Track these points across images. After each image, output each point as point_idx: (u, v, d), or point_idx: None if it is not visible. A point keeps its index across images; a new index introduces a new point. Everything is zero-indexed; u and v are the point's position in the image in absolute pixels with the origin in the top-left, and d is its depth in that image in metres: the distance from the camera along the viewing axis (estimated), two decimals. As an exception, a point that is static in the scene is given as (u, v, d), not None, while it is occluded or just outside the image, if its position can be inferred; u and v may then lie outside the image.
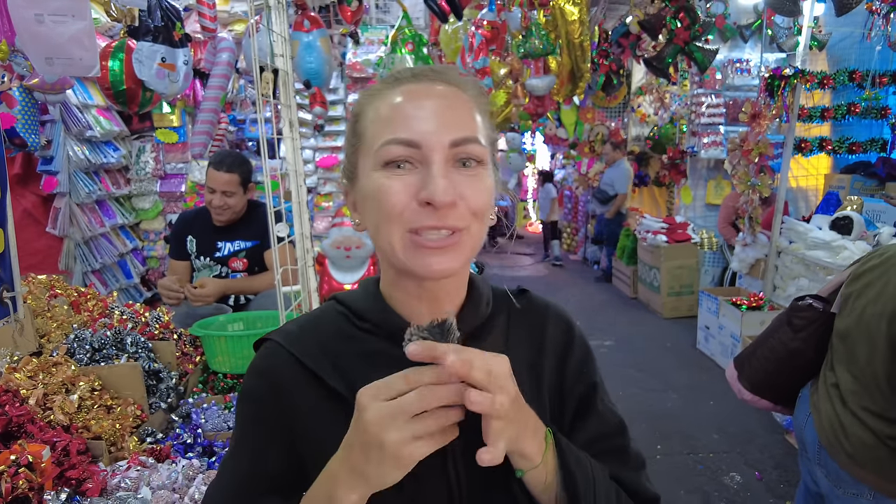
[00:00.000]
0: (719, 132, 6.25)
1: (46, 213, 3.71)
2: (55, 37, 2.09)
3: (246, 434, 0.74)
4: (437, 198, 0.62)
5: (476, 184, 0.67)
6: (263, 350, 0.76)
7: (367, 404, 0.56)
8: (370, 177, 0.68)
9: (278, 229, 1.78)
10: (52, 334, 1.68)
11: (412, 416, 0.54)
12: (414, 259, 0.65)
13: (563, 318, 0.84)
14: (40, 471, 1.12)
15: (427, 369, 0.56)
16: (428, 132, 0.65)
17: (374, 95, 0.71)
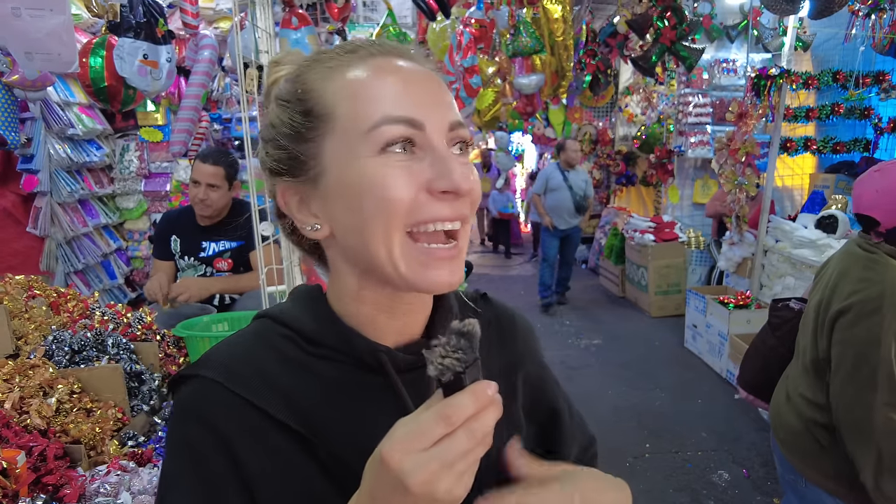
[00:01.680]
0: (706, 132, 6.29)
1: (27, 212, 3.63)
2: (33, 31, 2.05)
3: (185, 492, 0.57)
4: (462, 186, 0.56)
5: (474, 172, 0.61)
6: (191, 391, 0.60)
7: (404, 466, 0.45)
8: (356, 166, 0.56)
9: (263, 228, 1.75)
10: (29, 336, 1.63)
11: (463, 456, 0.46)
12: (419, 272, 0.57)
13: (528, 330, 0.81)
14: (15, 477, 1.09)
15: (468, 401, 0.46)
16: (430, 111, 0.58)
17: (334, 69, 0.60)
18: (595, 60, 5.82)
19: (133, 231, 4.61)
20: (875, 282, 1.41)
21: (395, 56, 0.61)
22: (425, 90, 0.59)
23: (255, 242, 1.75)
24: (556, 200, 6.06)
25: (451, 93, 0.70)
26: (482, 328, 0.68)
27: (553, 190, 6.07)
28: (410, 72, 0.60)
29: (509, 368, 0.74)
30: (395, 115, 0.56)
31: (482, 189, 6.38)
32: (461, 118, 0.62)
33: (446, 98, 0.61)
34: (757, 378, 1.92)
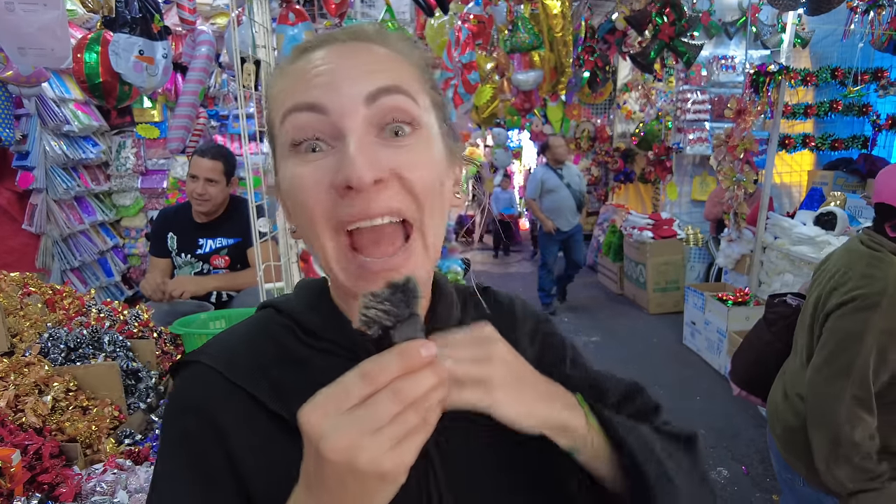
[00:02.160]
0: (705, 128, 6.28)
1: (22, 209, 3.61)
2: (25, 25, 2.03)
3: (179, 485, 0.56)
4: (353, 176, 0.48)
5: (413, 156, 0.53)
6: (190, 377, 0.60)
7: (320, 429, 0.41)
8: (281, 169, 0.55)
9: (260, 225, 1.74)
10: (24, 333, 1.62)
11: (389, 420, 0.41)
12: (358, 284, 0.53)
13: (530, 310, 0.76)
14: (10, 476, 1.07)
15: (392, 358, 0.42)
16: (334, 88, 0.51)
17: (281, 72, 0.59)
18: (593, 57, 5.82)
19: (130, 228, 4.59)
20: (878, 278, 1.41)
21: (336, 42, 0.56)
22: (344, 65, 0.53)
23: (252, 239, 1.74)
24: (557, 201, 5.71)
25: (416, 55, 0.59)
26: (495, 321, 0.64)
27: (551, 191, 5.72)
28: (333, 54, 0.55)
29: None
30: (294, 104, 0.52)
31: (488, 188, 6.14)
32: (393, 82, 0.53)
33: (371, 65, 0.53)
34: (750, 372, 1.93)
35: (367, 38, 0.57)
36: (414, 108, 0.54)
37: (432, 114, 0.58)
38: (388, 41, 0.58)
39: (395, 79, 0.54)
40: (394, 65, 0.55)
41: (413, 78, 0.57)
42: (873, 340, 1.37)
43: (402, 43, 0.59)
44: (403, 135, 0.53)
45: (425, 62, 0.60)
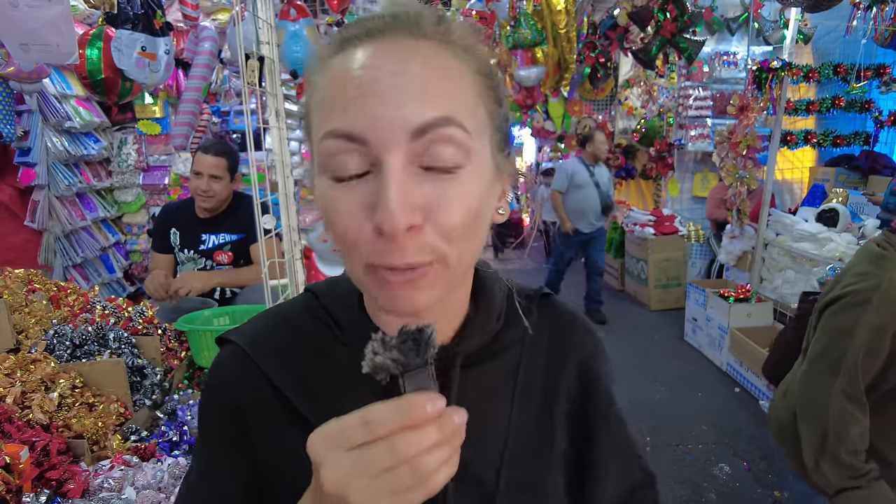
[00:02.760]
0: (706, 125, 6.27)
1: (24, 206, 3.60)
2: (30, 21, 2.02)
3: (207, 452, 0.63)
4: (388, 226, 0.44)
5: (453, 192, 0.47)
6: (224, 356, 0.63)
7: (321, 458, 0.42)
8: (318, 181, 0.51)
9: (265, 221, 1.74)
10: (29, 330, 1.62)
11: (382, 471, 0.41)
12: (379, 293, 0.50)
13: (589, 337, 0.70)
14: (18, 472, 1.08)
15: (393, 411, 0.41)
16: (377, 118, 0.45)
17: (322, 62, 0.52)
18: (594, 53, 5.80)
19: (132, 224, 4.58)
20: (874, 275, 1.41)
21: (386, 35, 0.49)
22: (386, 85, 0.46)
23: (255, 235, 1.74)
24: (581, 200, 5.21)
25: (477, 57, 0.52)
26: (532, 336, 0.64)
27: (578, 187, 5.22)
28: (387, 59, 0.47)
29: (555, 379, 0.66)
30: (333, 129, 0.47)
31: None
32: (445, 114, 0.47)
33: (425, 86, 0.47)
34: (772, 370, 1.95)
35: (424, 34, 0.49)
36: (465, 139, 0.48)
37: (487, 132, 0.52)
38: (450, 38, 0.50)
39: (448, 107, 0.47)
40: (450, 81, 0.48)
41: (471, 93, 0.50)
42: (864, 337, 1.37)
43: (467, 39, 0.52)
44: (447, 166, 0.48)
45: (489, 65, 0.53)
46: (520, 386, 0.64)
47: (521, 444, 0.62)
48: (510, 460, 0.61)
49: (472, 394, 0.59)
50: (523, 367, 0.64)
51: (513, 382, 0.64)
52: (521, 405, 0.63)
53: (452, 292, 0.57)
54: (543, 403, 0.65)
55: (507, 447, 0.61)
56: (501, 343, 0.64)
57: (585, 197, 5.23)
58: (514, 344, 0.65)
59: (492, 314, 0.63)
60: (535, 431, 0.64)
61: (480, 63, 0.52)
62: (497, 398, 0.63)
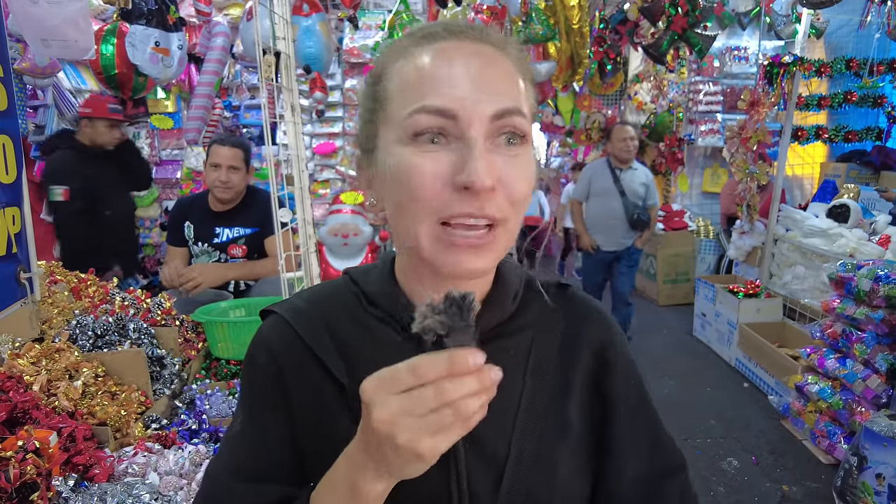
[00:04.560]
0: (716, 120, 6.25)
1: (40, 199, 3.65)
2: (50, 18, 2.06)
3: (249, 411, 0.68)
4: (478, 182, 0.53)
5: (519, 166, 0.58)
6: (268, 324, 0.70)
7: (373, 399, 0.48)
8: (393, 152, 0.58)
9: (281, 215, 1.76)
10: (53, 320, 1.66)
11: (428, 412, 0.46)
12: (443, 256, 0.57)
13: (608, 326, 0.73)
14: (48, 456, 1.11)
15: (441, 360, 0.46)
16: (466, 99, 0.55)
17: (400, 53, 0.61)
18: (604, 48, 5.78)
19: (144, 218, 4.64)
20: None
21: (463, 38, 0.60)
22: (470, 76, 0.56)
23: (270, 228, 1.77)
24: (600, 210, 4.29)
25: (526, 68, 0.64)
26: (545, 321, 0.70)
27: (597, 195, 4.31)
28: (464, 54, 0.58)
29: (568, 363, 0.69)
30: (428, 105, 0.55)
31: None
32: (515, 104, 0.58)
33: (498, 82, 0.58)
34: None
35: (491, 42, 0.61)
36: (527, 126, 0.59)
37: (531, 127, 0.62)
38: (508, 50, 0.61)
39: (517, 100, 0.59)
40: (514, 81, 0.60)
41: (525, 94, 0.61)
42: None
43: (519, 55, 0.63)
44: (515, 144, 0.59)
45: (531, 76, 0.65)
46: (532, 364, 0.68)
47: (531, 419, 0.66)
48: (521, 433, 0.65)
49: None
50: (536, 347, 0.69)
51: (525, 361, 0.68)
52: (534, 382, 0.67)
53: (494, 266, 0.65)
54: (556, 382, 0.68)
55: (517, 421, 0.65)
56: (516, 324, 0.69)
57: (605, 208, 4.27)
58: (528, 326, 0.70)
59: (508, 295, 0.69)
60: (547, 408, 0.67)
61: (528, 72, 0.64)
62: (510, 375, 0.65)
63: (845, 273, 2.99)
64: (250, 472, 0.65)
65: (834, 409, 2.97)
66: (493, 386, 0.48)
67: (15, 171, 1.47)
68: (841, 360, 3.01)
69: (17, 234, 1.46)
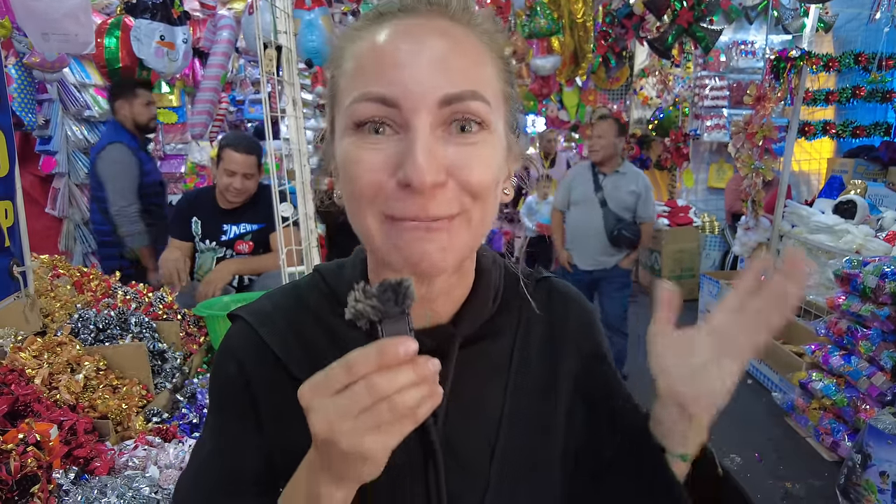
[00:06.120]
0: (722, 115, 6.21)
1: (44, 193, 3.67)
2: (51, 11, 2.06)
3: (219, 422, 0.66)
4: (417, 179, 0.48)
5: (475, 154, 0.52)
6: (234, 330, 0.66)
7: (310, 404, 0.46)
8: (341, 143, 0.54)
9: (283, 209, 1.76)
10: (55, 314, 1.67)
11: (364, 410, 0.44)
12: (395, 253, 0.53)
13: (586, 314, 0.73)
14: (48, 449, 1.11)
15: (372, 353, 0.44)
16: (409, 85, 0.49)
17: (353, 36, 0.55)
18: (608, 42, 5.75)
19: (149, 213, 4.64)
20: None
21: (419, 14, 0.53)
22: (419, 57, 0.50)
23: (275, 224, 1.76)
24: (578, 222, 3.69)
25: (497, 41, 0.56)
26: (529, 316, 0.68)
27: (576, 204, 3.70)
28: (417, 33, 0.52)
29: (552, 360, 0.69)
30: (366, 92, 0.51)
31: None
32: (470, 87, 0.51)
33: (454, 63, 0.51)
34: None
35: (452, 15, 0.54)
36: (486, 111, 0.52)
37: (501, 111, 0.56)
38: (473, 21, 0.55)
39: (473, 81, 0.52)
40: (475, 60, 0.53)
41: (491, 74, 0.55)
42: None
43: (488, 24, 0.56)
44: (470, 131, 0.52)
45: (506, 50, 0.58)
46: (515, 363, 0.67)
47: (516, 417, 0.65)
48: (505, 431, 0.64)
49: (469, 371, 0.62)
50: (519, 346, 0.67)
51: (509, 360, 0.67)
52: (517, 381, 0.66)
53: (461, 267, 0.61)
54: (540, 379, 0.68)
55: (502, 419, 0.64)
56: (497, 324, 0.67)
57: (582, 219, 3.65)
58: (511, 324, 0.68)
59: (489, 295, 0.65)
60: (531, 405, 0.66)
61: (499, 48, 0.57)
62: (494, 375, 0.66)
63: (851, 269, 2.97)
64: (221, 485, 0.63)
65: (838, 406, 2.95)
66: (433, 376, 0.46)
67: (7, 165, 1.47)
68: (846, 357, 3.00)
69: (9, 227, 1.46)
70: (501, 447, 0.64)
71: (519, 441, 0.65)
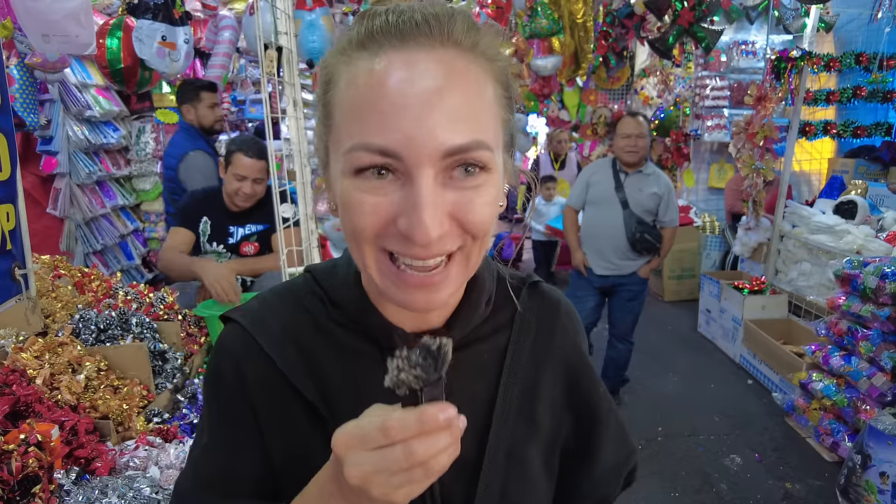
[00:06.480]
0: (723, 115, 6.20)
1: (46, 193, 3.68)
2: (51, 13, 2.06)
3: (217, 426, 0.66)
4: (421, 237, 0.48)
5: (477, 199, 0.51)
6: (229, 333, 0.66)
7: (344, 456, 0.48)
8: (340, 181, 0.53)
9: (283, 210, 1.77)
10: (56, 314, 1.67)
11: (399, 470, 0.47)
12: (394, 291, 0.54)
13: (573, 321, 0.75)
14: (49, 450, 1.12)
15: (412, 421, 0.46)
16: (413, 138, 0.48)
17: (346, 61, 0.52)
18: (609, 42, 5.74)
19: (150, 212, 4.65)
20: None
21: (418, 45, 0.50)
22: (421, 101, 0.48)
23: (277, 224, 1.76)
24: (595, 223, 3.43)
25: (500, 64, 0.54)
26: (519, 322, 0.69)
27: (594, 203, 3.44)
28: (418, 72, 0.49)
29: (539, 363, 0.70)
30: (367, 143, 0.49)
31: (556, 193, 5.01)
32: (476, 137, 0.50)
33: (458, 107, 0.49)
34: None
35: (454, 41, 0.51)
36: (490, 158, 0.52)
37: (500, 140, 0.55)
38: (476, 44, 0.52)
39: (478, 129, 0.50)
40: (478, 96, 0.51)
41: (493, 107, 0.53)
42: None
43: (492, 45, 0.54)
44: (472, 174, 0.51)
45: (508, 73, 0.56)
46: (507, 366, 0.68)
47: (506, 419, 0.67)
48: (494, 436, 0.66)
49: (461, 373, 0.64)
50: (511, 349, 0.69)
51: (500, 363, 0.68)
52: (508, 383, 0.68)
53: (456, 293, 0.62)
54: (529, 383, 0.69)
55: (492, 420, 0.66)
56: (490, 327, 0.68)
57: (601, 219, 3.39)
58: (502, 327, 0.70)
59: (481, 300, 0.66)
60: (519, 408, 0.68)
61: (502, 72, 0.55)
62: (485, 377, 0.68)
63: (851, 270, 2.97)
64: (221, 487, 0.63)
65: (838, 406, 2.95)
66: (461, 432, 0.48)
67: (9, 169, 1.48)
68: (846, 357, 3.00)
69: (11, 230, 1.46)
70: (492, 440, 0.66)
71: (508, 435, 0.67)
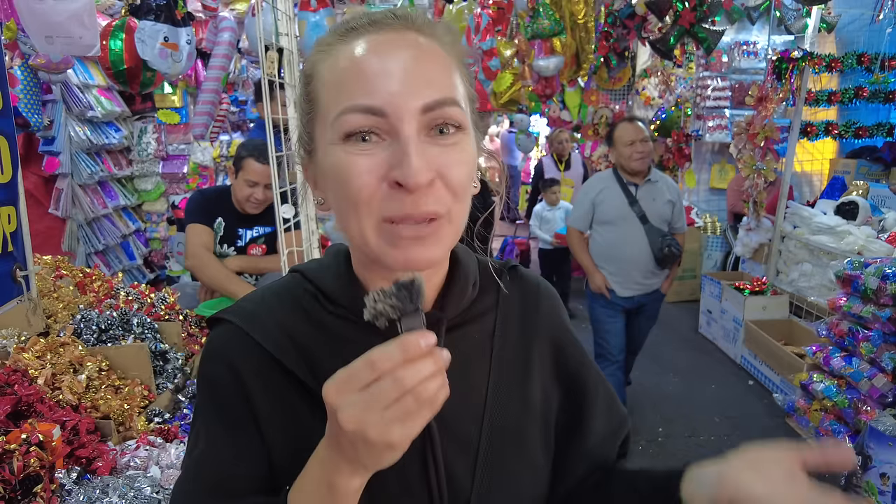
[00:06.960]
0: (724, 115, 6.20)
1: (48, 194, 3.69)
2: (55, 14, 2.07)
3: (215, 427, 0.65)
4: (411, 179, 0.53)
5: (456, 156, 0.57)
6: (220, 334, 0.67)
7: (336, 402, 0.49)
8: (329, 152, 0.58)
9: (284, 211, 1.77)
10: (58, 315, 1.68)
11: (391, 403, 0.47)
12: (390, 251, 0.57)
13: (554, 299, 0.79)
14: (51, 449, 1.13)
15: (394, 349, 0.48)
16: (394, 95, 0.54)
17: (327, 51, 0.60)
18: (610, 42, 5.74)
19: (151, 213, 4.67)
20: None
21: (389, 29, 0.58)
22: (398, 69, 0.55)
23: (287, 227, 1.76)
24: (615, 243, 3.13)
25: (459, 51, 0.62)
26: (505, 301, 0.72)
27: (607, 223, 3.14)
28: (392, 47, 0.57)
29: (527, 341, 0.74)
30: (354, 104, 0.55)
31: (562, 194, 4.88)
32: (448, 95, 0.57)
33: (429, 74, 0.56)
34: None
35: (418, 29, 0.59)
36: (461, 115, 0.58)
37: (468, 112, 0.60)
38: (435, 33, 0.60)
39: (448, 89, 0.57)
40: (445, 68, 0.58)
41: (458, 79, 0.60)
42: None
43: (448, 36, 0.61)
44: (448, 133, 0.57)
45: (464, 57, 0.63)
46: (496, 346, 0.71)
47: (500, 398, 0.70)
48: (491, 413, 0.68)
49: (455, 355, 0.65)
50: (498, 330, 0.72)
51: (490, 344, 0.71)
52: (499, 363, 0.71)
53: (446, 256, 0.65)
54: (519, 361, 0.73)
55: (487, 401, 0.69)
56: (477, 309, 0.71)
57: (621, 239, 3.10)
58: (489, 309, 0.73)
59: (468, 282, 0.69)
60: (513, 387, 0.71)
61: (460, 55, 0.62)
62: (478, 358, 0.71)
63: (852, 271, 2.97)
64: (221, 487, 0.63)
65: (839, 407, 2.95)
66: (446, 365, 0.49)
67: (10, 171, 1.49)
68: (847, 358, 2.99)
69: (12, 232, 1.47)
70: (489, 417, 0.68)
71: (504, 410, 0.69)
